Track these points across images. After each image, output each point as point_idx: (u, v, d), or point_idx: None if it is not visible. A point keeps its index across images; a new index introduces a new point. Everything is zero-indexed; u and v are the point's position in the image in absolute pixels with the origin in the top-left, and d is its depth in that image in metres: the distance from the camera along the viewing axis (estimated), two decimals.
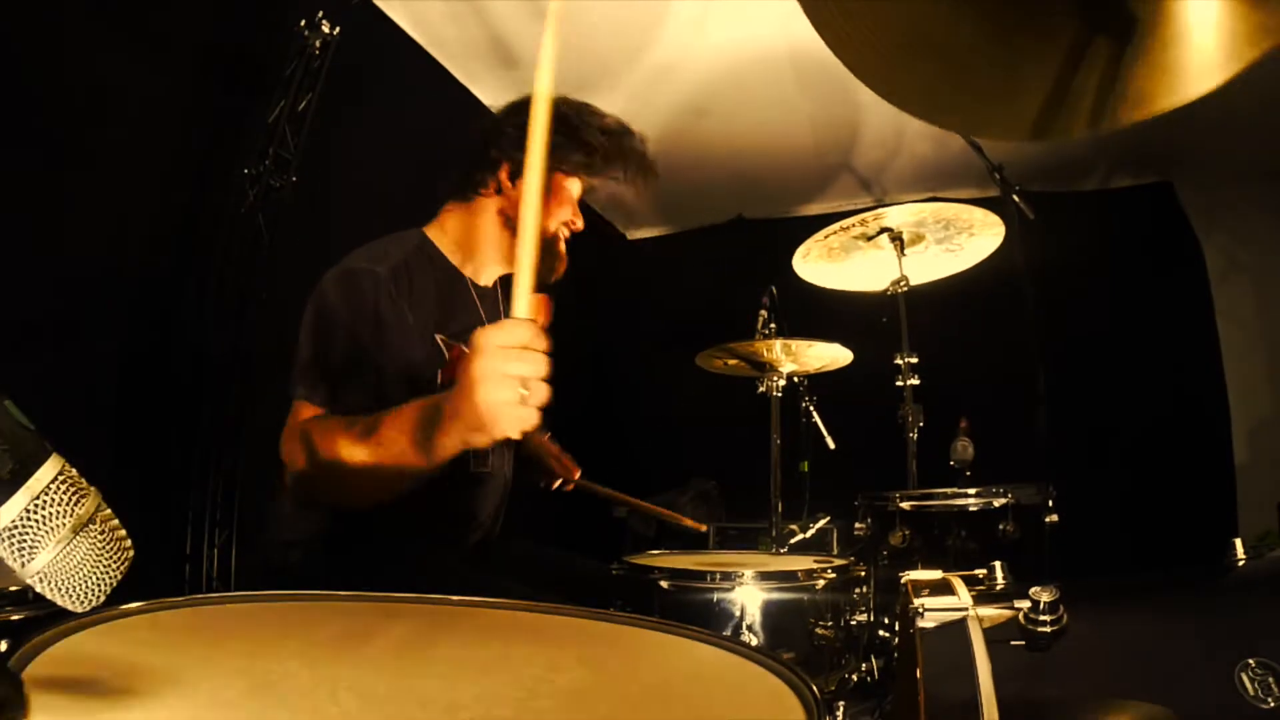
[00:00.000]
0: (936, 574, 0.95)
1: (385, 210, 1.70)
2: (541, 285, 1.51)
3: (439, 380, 1.42)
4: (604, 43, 3.09)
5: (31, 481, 0.45)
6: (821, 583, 1.36)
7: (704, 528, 2.32)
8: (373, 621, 0.74)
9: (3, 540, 0.45)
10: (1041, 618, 0.80)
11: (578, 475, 1.89)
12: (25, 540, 0.45)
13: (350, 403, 1.25)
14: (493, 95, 3.44)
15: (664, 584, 1.36)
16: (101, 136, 2.00)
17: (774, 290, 2.34)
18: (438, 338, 1.45)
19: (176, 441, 2.26)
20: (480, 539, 1.57)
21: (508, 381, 0.89)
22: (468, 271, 1.60)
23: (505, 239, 1.55)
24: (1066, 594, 0.81)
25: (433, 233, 1.59)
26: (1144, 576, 1.00)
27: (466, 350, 1.45)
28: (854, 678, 1.40)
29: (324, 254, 1.47)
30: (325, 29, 2.47)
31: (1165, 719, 0.75)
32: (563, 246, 1.59)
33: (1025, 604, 0.82)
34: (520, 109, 1.60)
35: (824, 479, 2.89)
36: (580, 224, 1.60)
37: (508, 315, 1.62)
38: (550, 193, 1.54)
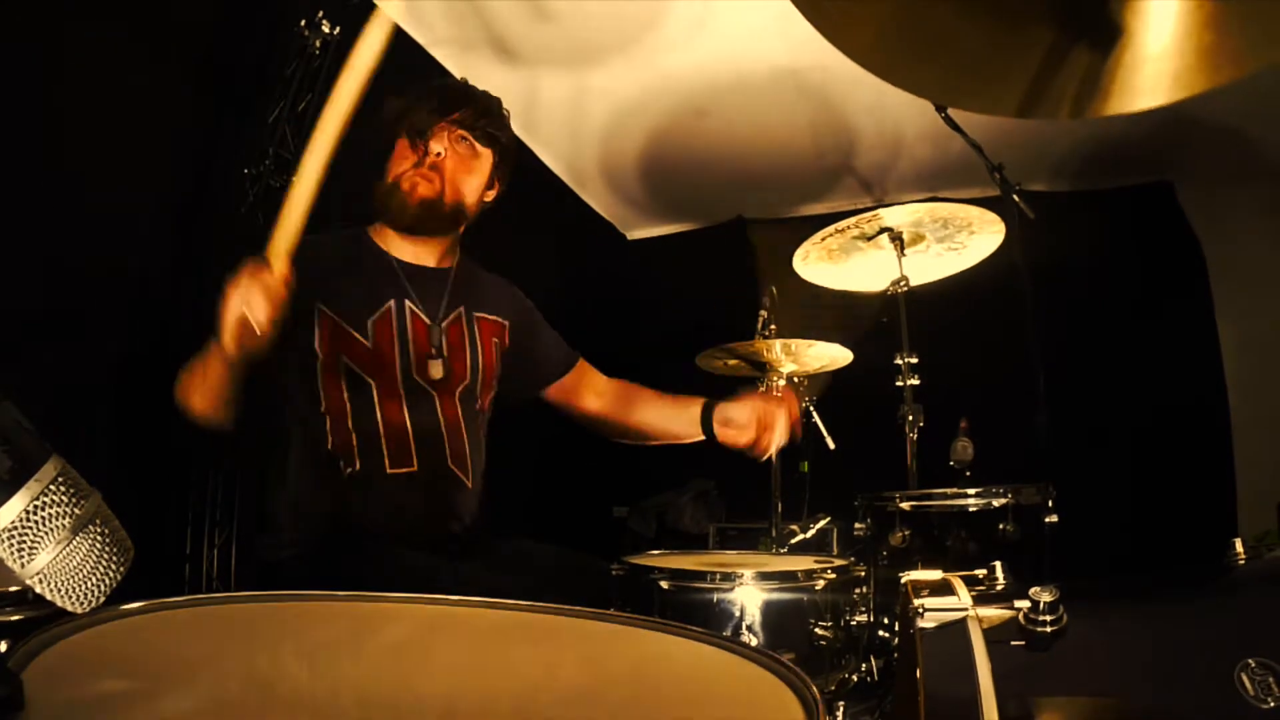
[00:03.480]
0: (936, 574, 0.95)
1: None
2: (423, 232, 1.58)
3: (317, 361, 1.46)
4: (603, 42, 3.08)
5: (31, 482, 0.45)
6: (821, 583, 1.36)
7: None
8: (372, 621, 0.74)
9: (2, 541, 0.45)
10: (1041, 618, 0.80)
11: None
12: (25, 541, 0.45)
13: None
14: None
15: (664, 584, 1.36)
16: (101, 136, 2.00)
17: (774, 290, 2.34)
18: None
19: (176, 442, 2.26)
20: (472, 538, 1.56)
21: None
22: (400, 254, 1.61)
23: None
24: (1066, 594, 0.81)
25: (371, 227, 1.64)
26: (1144, 576, 1.00)
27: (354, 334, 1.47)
28: (854, 678, 1.40)
29: None
30: (325, 29, 2.47)
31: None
32: (424, 189, 1.53)
33: (1025, 604, 0.82)
34: (414, 85, 1.62)
35: (824, 479, 2.89)
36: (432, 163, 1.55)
37: (451, 294, 1.65)
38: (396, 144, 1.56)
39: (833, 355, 2.30)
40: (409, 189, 1.52)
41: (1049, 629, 0.80)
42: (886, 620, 1.45)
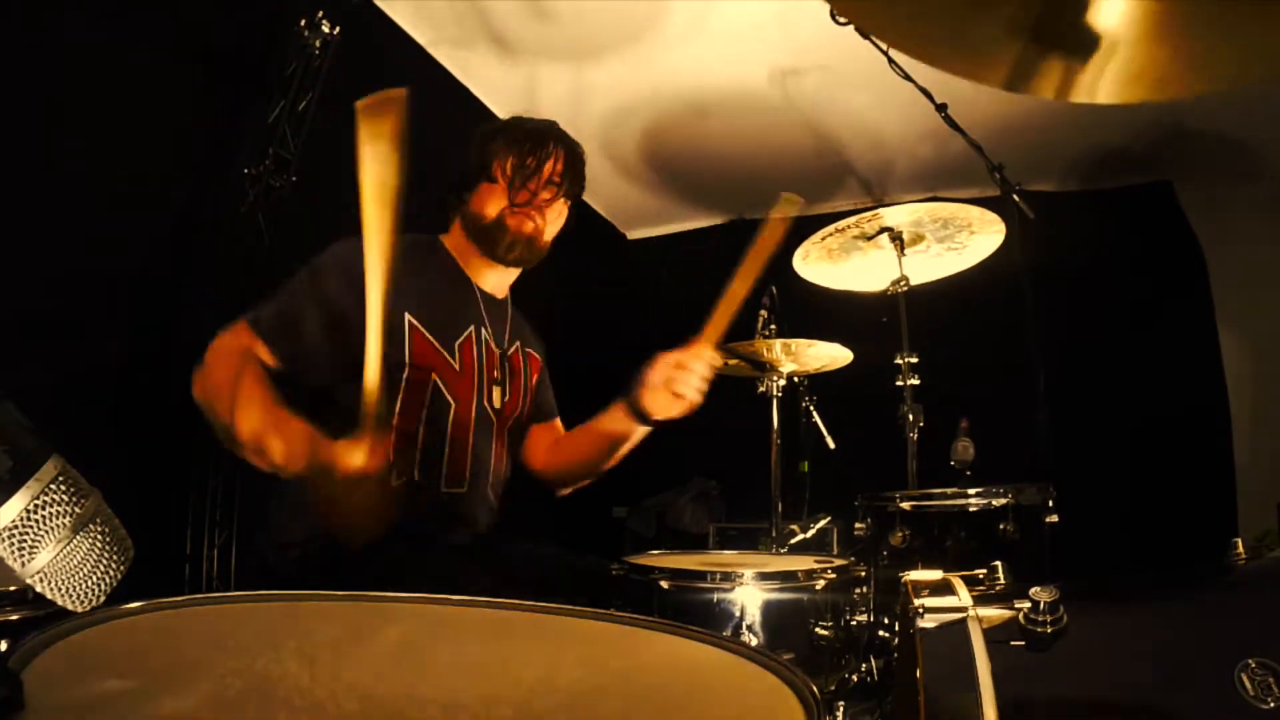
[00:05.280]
0: (937, 574, 0.95)
1: None
2: (515, 264, 1.51)
3: (404, 373, 1.44)
4: (603, 41, 3.09)
5: (31, 481, 0.45)
6: (821, 583, 1.36)
7: None
8: (372, 622, 0.74)
9: (3, 540, 0.45)
10: (1042, 618, 0.80)
11: None
12: (25, 540, 0.45)
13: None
14: (493, 95, 3.44)
15: (664, 584, 1.36)
16: (102, 136, 2.00)
17: (774, 290, 2.34)
18: (421, 332, 1.47)
19: (176, 442, 2.26)
20: (478, 538, 1.57)
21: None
22: (479, 280, 1.63)
23: (472, 246, 1.61)
24: (1066, 594, 0.81)
25: (446, 239, 1.65)
26: (1144, 576, 1.00)
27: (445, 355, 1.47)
28: (854, 678, 1.40)
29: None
30: (325, 29, 2.47)
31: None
32: (528, 227, 1.57)
33: (1025, 604, 0.82)
34: (510, 126, 1.63)
35: (824, 479, 2.89)
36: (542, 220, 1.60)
37: (510, 326, 1.63)
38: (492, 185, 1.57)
39: (832, 355, 2.30)
40: (516, 225, 1.56)
41: (1049, 629, 0.80)
42: (886, 620, 1.45)
